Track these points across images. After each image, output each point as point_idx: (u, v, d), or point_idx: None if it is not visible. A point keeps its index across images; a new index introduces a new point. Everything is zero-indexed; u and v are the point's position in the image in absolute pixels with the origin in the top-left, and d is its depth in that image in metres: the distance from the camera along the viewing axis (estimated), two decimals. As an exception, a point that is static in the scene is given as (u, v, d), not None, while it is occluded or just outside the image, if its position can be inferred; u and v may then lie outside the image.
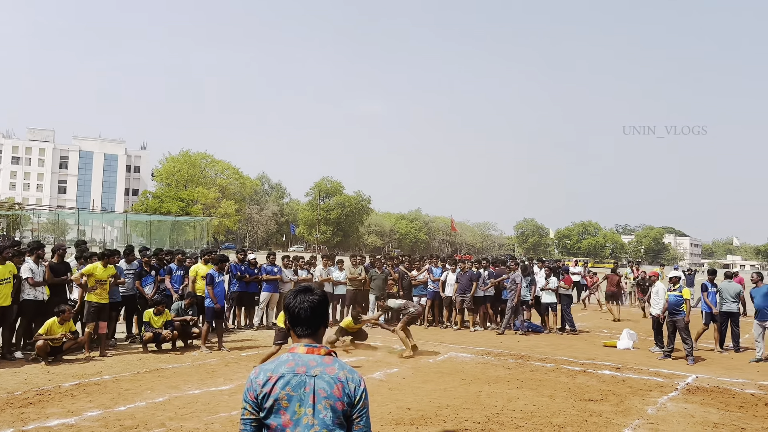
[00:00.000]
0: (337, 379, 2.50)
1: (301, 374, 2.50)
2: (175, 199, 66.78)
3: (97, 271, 10.43)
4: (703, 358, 12.02)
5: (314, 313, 2.63)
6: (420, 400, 7.90)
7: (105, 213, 61.14)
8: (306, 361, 2.54)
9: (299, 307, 2.63)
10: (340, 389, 2.49)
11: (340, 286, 15.29)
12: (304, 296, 2.65)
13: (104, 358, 10.19)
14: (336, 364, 2.56)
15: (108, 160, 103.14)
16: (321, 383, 2.48)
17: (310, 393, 2.47)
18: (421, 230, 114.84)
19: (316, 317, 2.63)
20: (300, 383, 2.48)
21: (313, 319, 2.62)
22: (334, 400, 2.48)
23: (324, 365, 2.54)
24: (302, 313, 2.62)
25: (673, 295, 11.72)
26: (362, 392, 2.54)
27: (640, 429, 6.93)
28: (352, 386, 2.52)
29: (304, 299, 2.63)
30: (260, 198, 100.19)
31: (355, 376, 2.56)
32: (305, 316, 2.62)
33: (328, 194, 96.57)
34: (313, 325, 2.63)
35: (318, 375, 2.50)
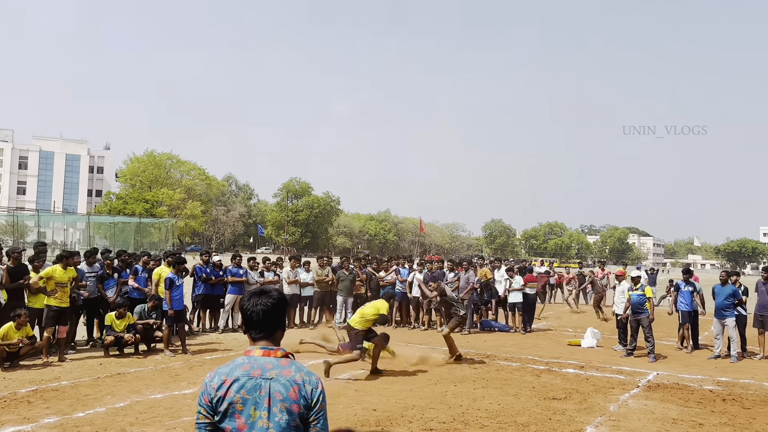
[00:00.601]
0: (293, 382, 2.47)
1: (257, 377, 2.46)
2: (140, 200, 65.66)
3: (57, 274, 10.17)
4: (664, 355, 12.26)
5: (268, 316, 2.58)
6: (386, 401, 7.89)
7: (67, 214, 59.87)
8: (262, 363, 2.51)
9: (252, 310, 2.58)
10: (297, 392, 2.46)
11: (308, 288, 15.22)
12: (258, 299, 2.60)
13: (63, 363, 9.94)
14: (293, 366, 2.53)
15: (70, 161, 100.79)
16: (277, 386, 2.45)
17: (265, 396, 2.44)
18: (390, 231, 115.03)
19: (270, 320, 2.59)
20: (255, 386, 2.45)
21: (267, 322, 2.58)
22: (290, 403, 2.44)
23: (280, 368, 2.50)
24: (254, 317, 2.58)
25: (635, 294, 11.94)
26: (320, 394, 2.51)
27: (602, 426, 7.04)
28: (309, 388, 2.49)
29: (257, 302, 2.59)
30: (227, 199, 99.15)
31: (312, 378, 2.53)
32: (257, 319, 2.57)
33: (297, 195, 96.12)
34: (267, 328, 2.59)
35: (274, 378, 2.47)
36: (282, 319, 2.65)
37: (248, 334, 2.62)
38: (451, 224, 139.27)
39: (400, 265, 16.52)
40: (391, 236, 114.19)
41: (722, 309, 11.99)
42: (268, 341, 2.59)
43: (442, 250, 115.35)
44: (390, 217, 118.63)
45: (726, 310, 11.94)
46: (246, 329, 2.63)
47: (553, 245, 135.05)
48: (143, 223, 47.65)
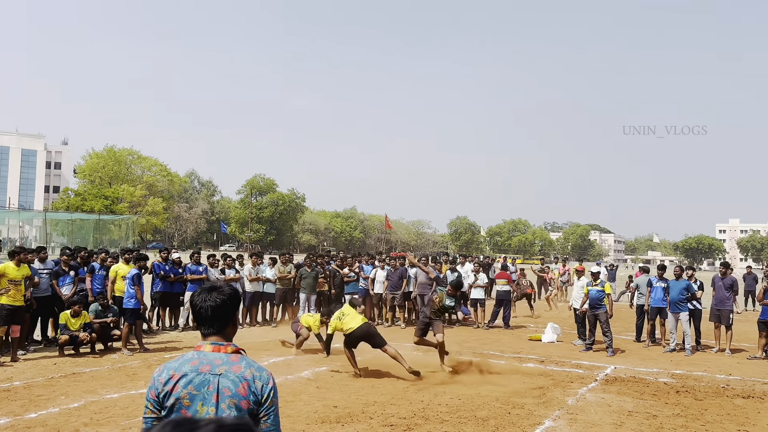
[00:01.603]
0: (242, 378, 2.45)
1: (205, 373, 2.44)
2: (99, 196, 64.14)
3: (9, 271, 9.87)
4: (621, 349, 12.52)
5: (218, 312, 2.55)
6: (347, 397, 7.88)
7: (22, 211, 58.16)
8: (211, 359, 2.48)
9: (202, 306, 2.56)
10: (246, 388, 2.43)
11: (270, 285, 15.09)
12: (209, 294, 2.57)
13: (15, 363, 9.65)
14: (243, 362, 2.50)
15: (26, 156, 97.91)
16: (226, 382, 2.43)
17: (213, 392, 2.42)
18: (356, 228, 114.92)
19: (220, 316, 2.56)
20: (203, 382, 2.43)
21: (218, 317, 2.55)
22: (238, 399, 2.42)
23: (230, 363, 2.48)
24: (203, 312, 2.55)
25: (595, 290, 12.13)
26: (270, 390, 2.49)
27: (560, 419, 7.15)
28: (259, 384, 2.47)
29: (207, 298, 2.56)
30: (189, 196, 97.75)
31: (263, 374, 2.51)
32: (207, 315, 2.55)
33: (261, 192, 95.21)
34: (218, 324, 2.56)
35: (222, 374, 2.44)
36: (233, 315, 2.62)
37: (200, 329, 2.61)
38: (417, 221, 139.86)
39: (364, 261, 16.52)
40: (357, 233, 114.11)
41: (676, 303, 12.29)
42: (218, 337, 2.56)
43: (407, 247, 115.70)
44: (356, 214, 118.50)
45: (680, 304, 12.24)
46: (197, 325, 2.61)
47: (516, 242, 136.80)
48: (103, 220, 46.63)
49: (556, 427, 6.84)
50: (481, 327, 15.34)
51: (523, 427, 6.80)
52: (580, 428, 6.85)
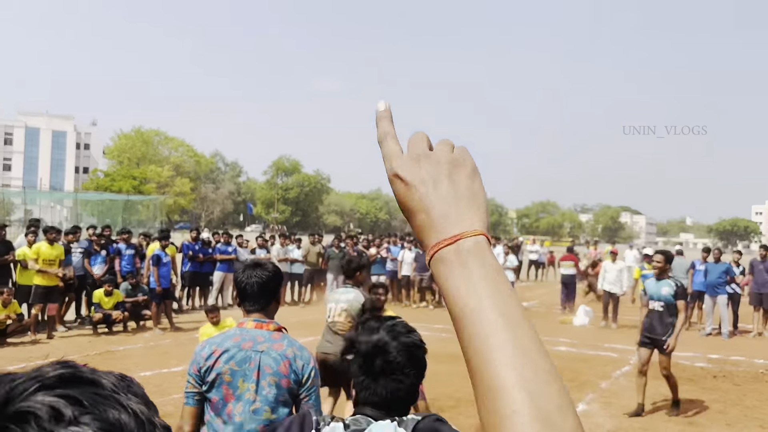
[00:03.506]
0: (284, 356, 2.43)
1: (247, 349, 2.43)
2: (128, 177, 65.02)
3: (43, 251, 10.00)
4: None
5: (262, 289, 2.54)
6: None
7: (54, 192, 59.25)
8: (254, 336, 2.47)
9: (246, 282, 2.55)
10: (287, 366, 2.42)
11: (297, 265, 15.13)
12: (253, 271, 2.56)
13: (51, 340, 9.83)
14: (285, 340, 2.49)
15: (56, 137, 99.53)
16: (267, 359, 2.42)
17: (254, 369, 2.41)
18: (381, 209, 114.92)
19: (264, 293, 2.55)
20: (245, 358, 2.42)
21: (261, 294, 2.54)
22: (279, 377, 2.41)
23: (272, 341, 2.47)
24: (248, 288, 2.54)
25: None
26: (311, 370, 2.47)
27: (594, 403, 7.05)
28: (300, 363, 2.45)
29: (252, 274, 2.55)
30: (216, 176, 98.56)
31: (304, 353, 2.49)
32: (251, 291, 2.53)
33: (287, 173, 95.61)
34: (261, 301, 2.55)
35: (265, 351, 2.43)
36: (276, 292, 2.62)
37: (242, 306, 2.59)
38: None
39: (391, 242, 16.45)
40: (382, 214, 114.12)
41: (714, 286, 12.01)
42: (261, 314, 2.55)
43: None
44: (381, 195, 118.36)
45: (718, 288, 11.96)
46: (240, 302, 2.60)
47: (545, 224, 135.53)
48: (131, 200, 47.22)
49: (590, 411, 6.74)
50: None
51: (558, 410, 6.69)
52: (615, 412, 6.73)
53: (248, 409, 2.39)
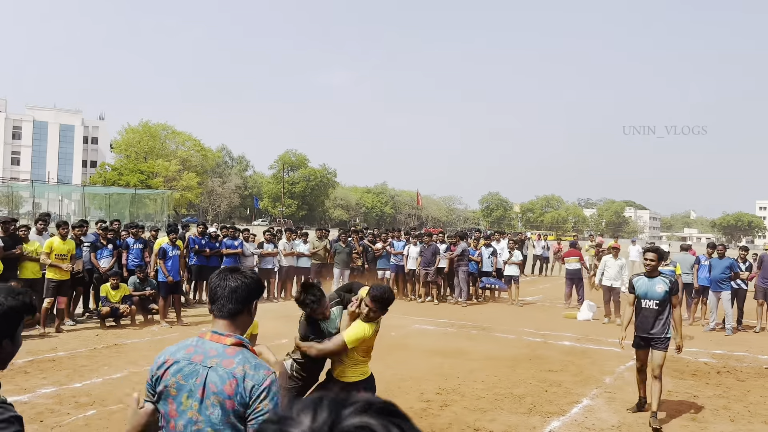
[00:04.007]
0: (231, 374, 2.20)
1: (196, 363, 2.24)
2: (135, 171, 65.24)
3: (56, 246, 10.10)
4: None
5: (232, 294, 2.33)
6: (383, 371, 7.88)
7: (61, 185, 59.53)
8: (207, 349, 2.28)
9: (218, 285, 2.36)
10: (233, 386, 2.19)
11: (303, 259, 15.19)
12: (229, 274, 2.39)
13: (60, 334, 9.93)
14: (239, 357, 2.26)
15: (64, 131, 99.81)
16: (214, 376, 2.21)
17: (200, 385, 2.21)
18: (387, 204, 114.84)
19: (233, 299, 2.33)
20: (192, 373, 2.24)
21: (230, 300, 2.33)
22: (223, 398, 2.19)
23: (223, 356, 2.25)
24: (218, 292, 2.35)
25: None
26: (262, 392, 2.20)
27: (598, 398, 7.08)
28: (249, 384, 2.19)
29: (225, 277, 2.37)
30: (222, 171, 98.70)
31: (259, 373, 2.22)
32: (220, 294, 2.34)
33: (293, 167, 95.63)
34: (229, 307, 2.33)
35: (213, 366, 2.23)
36: (248, 302, 2.38)
37: (212, 312, 2.39)
38: (448, 197, 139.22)
39: (396, 237, 16.49)
40: (387, 209, 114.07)
41: (718, 282, 12.00)
42: (228, 322, 2.34)
43: (438, 223, 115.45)
44: (387, 190, 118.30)
45: (722, 283, 11.94)
46: (210, 305, 2.40)
47: (549, 218, 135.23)
48: (139, 194, 47.39)
49: (594, 406, 6.78)
50: (515, 304, 15.22)
51: (561, 405, 6.74)
52: (619, 407, 6.77)
53: (190, 430, 2.21)
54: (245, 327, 2.39)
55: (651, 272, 6.47)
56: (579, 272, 15.00)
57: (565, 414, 6.43)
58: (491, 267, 15.73)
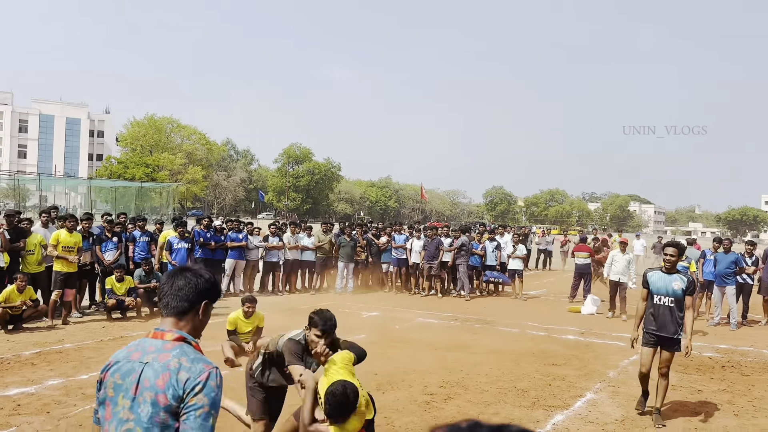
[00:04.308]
0: (165, 367, 2.06)
1: (134, 360, 2.13)
2: (140, 164, 65.40)
3: (63, 238, 10.17)
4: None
5: (178, 293, 2.21)
6: (387, 365, 7.93)
7: (68, 179, 59.67)
8: (146, 346, 2.17)
9: (165, 283, 2.26)
10: (166, 379, 2.04)
11: (308, 253, 15.23)
12: (181, 272, 2.27)
13: (66, 326, 10.00)
14: (176, 350, 2.12)
15: (70, 124, 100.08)
16: (149, 371, 2.08)
17: (134, 382, 2.08)
18: (391, 198, 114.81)
19: (179, 298, 2.21)
20: (129, 370, 2.11)
21: (175, 298, 2.21)
22: (155, 392, 2.04)
23: (160, 351, 2.12)
24: (165, 289, 2.24)
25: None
26: (197, 386, 2.04)
27: (602, 392, 7.09)
28: (184, 377, 2.04)
29: (178, 274, 2.26)
30: (227, 164, 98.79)
31: (196, 367, 2.07)
32: (167, 292, 2.23)
33: (298, 161, 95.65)
34: (173, 306, 2.21)
35: (149, 362, 2.10)
36: (196, 303, 2.24)
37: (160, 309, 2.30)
38: (452, 191, 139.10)
39: (396, 231, 16.48)
40: (392, 203, 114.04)
41: (723, 276, 11.98)
42: (173, 321, 2.21)
43: (442, 217, 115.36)
44: (391, 184, 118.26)
45: (727, 278, 11.93)
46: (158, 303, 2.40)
47: (554, 212, 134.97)
48: (144, 187, 47.57)
49: (598, 400, 6.79)
50: (519, 298, 15.23)
51: (564, 398, 6.76)
52: (622, 401, 6.78)
53: (120, 430, 2.06)
54: (194, 328, 2.25)
55: (670, 268, 6.20)
56: (588, 267, 14.92)
57: (569, 408, 6.45)
58: (495, 261, 15.75)
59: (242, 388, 6.20)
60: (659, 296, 6.16)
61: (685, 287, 6.11)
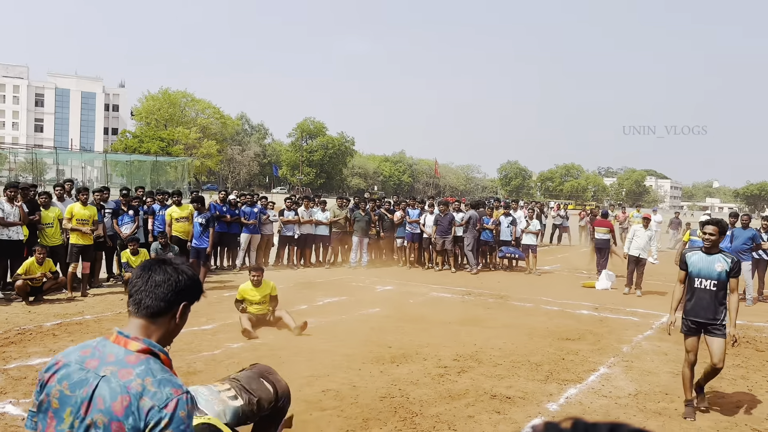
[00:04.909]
0: (125, 389, 1.71)
1: (89, 369, 1.77)
2: (155, 138, 65.67)
3: (77, 211, 10.29)
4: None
5: (156, 290, 1.86)
6: (401, 338, 8.01)
7: (84, 152, 60.10)
8: (105, 353, 1.80)
9: (139, 276, 1.90)
10: (124, 405, 1.70)
11: (322, 227, 15.29)
12: (155, 265, 1.92)
13: (85, 298, 10.17)
14: (141, 367, 1.75)
15: (85, 98, 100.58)
16: (104, 389, 1.73)
17: (85, 398, 1.74)
18: (405, 172, 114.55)
19: (155, 296, 1.86)
20: (81, 381, 1.77)
21: (151, 296, 1.86)
22: (110, 418, 1.70)
23: (122, 364, 1.76)
24: (139, 284, 1.88)
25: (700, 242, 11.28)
26: (164, 420, 1.69)
27: (615, 367, 7.11)
28: (147, 405, 1.70)
29: (152, 267, 1.91)
30: (242, 138, 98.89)
31: (163, 393, 1.72)
32: (140, 287, 1.87)
33: (311, 135, 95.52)
34: (147, 305, 1.86)
35: (106, 376, 1.75)
36: (176, 303, 1.90)
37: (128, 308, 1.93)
38: (467, 166, 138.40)
39: (409, 206, 16.49)
40: (405, 177, 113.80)
41: (739, 252, 11.87)
42: (143, 324, 1.85)
43: (456, 192, 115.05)
44: (405, 159, 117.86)
45: (743, 254, 11.82)
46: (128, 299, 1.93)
47: (569, 187, 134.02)
48: (159, 161, 47.81)
49: (611, 374, 6.82)
50: (533, 273, 15.23)
51: (578, 373, 6.79)
52: (636, 376, 6.80)
53: None
54: (168, 333, 1.91)
55: (710, 248, 5.71)
56: (608, 242, 14.78)
57: (582, 382, 6.49)
58: (510, 236, 15.72)
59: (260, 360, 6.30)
60: (700, 279, 5.68)
61: (729, 269, 5.61)
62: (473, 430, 5.10)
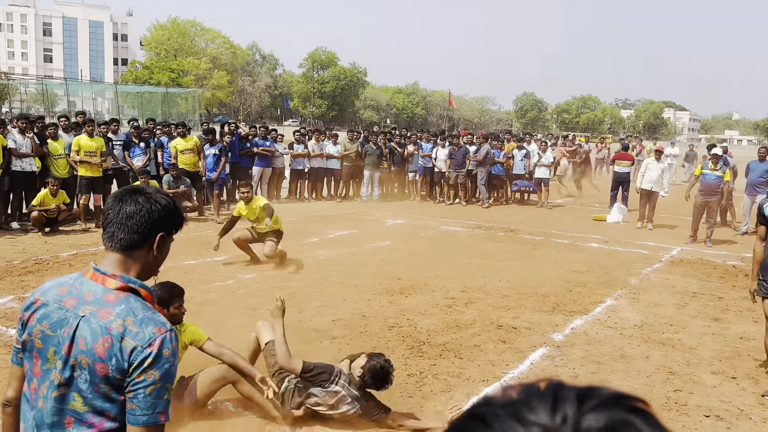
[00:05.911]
0: (106, 330, 1.66)
1: (68, 309, 1.72)
2: (165, 69, 64.90)
3: (83, 143, 10.31)
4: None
5: (127, 221, 1.74)
6: (410, 270, 8.11)
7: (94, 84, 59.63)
8: (83, 291, 1.73)
9: (111, 207, 1.78)
10: (106, 347, 1.65)
11: (333, 160, 15.24)
12: (126, 195, 1.78)
13: (99, 229, 10.30)
14: (121, 306, 1.69)
15: (93, 28, 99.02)
16: (85, 329, 1.68)
17: (67, 338, 1.69)
18: (418, 105, 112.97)
19: (128, 229, 1.74)
20: (61, 321, 1.71)
21: (123, 229, 1.74)
22: (93, 359, 1.66)
23: (101, 304, 1.70)
24: (111, 216, 1.76)
25: (713, 175, 10.90)
26: (146, 358, 1.65)
27: (622, 299, 7.19)
28: (130, 346, 1.65)
29: (126, 198, 1.77)
30: (252, 69, 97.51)
31: (145, 332, 1.66)
32: (112, 219, 1.75)
33: (323, 66, 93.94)
34: (120, 238, 1.74)
35: (86, 316, 1.69)
36: (151, 234, 1.77)
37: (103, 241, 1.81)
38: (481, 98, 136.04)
39: (422, 139, 16.33)
40: (418, 110, 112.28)
41: (754, 185, 11.73)
42: (118, 259, 1.76)
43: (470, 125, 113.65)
44: (418, 90, 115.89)
45: (758, 187, 11.68)
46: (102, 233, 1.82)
47: (585, 120, 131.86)
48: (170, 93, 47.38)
49: (618, 306, 6.89)
50: (545, 206, 15.18)
51: (585, 304, 6.87)
52: (643, 308, 6.87)
53: (51, 395, 1.70)
54: (147, 267, 1.81)
55: None
56: (628, 175, 14.51)
57: (588, 313, 6.57)
58: (524, 170, 15.58)
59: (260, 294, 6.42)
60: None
61: None
62: (478, 358, 5.22)
